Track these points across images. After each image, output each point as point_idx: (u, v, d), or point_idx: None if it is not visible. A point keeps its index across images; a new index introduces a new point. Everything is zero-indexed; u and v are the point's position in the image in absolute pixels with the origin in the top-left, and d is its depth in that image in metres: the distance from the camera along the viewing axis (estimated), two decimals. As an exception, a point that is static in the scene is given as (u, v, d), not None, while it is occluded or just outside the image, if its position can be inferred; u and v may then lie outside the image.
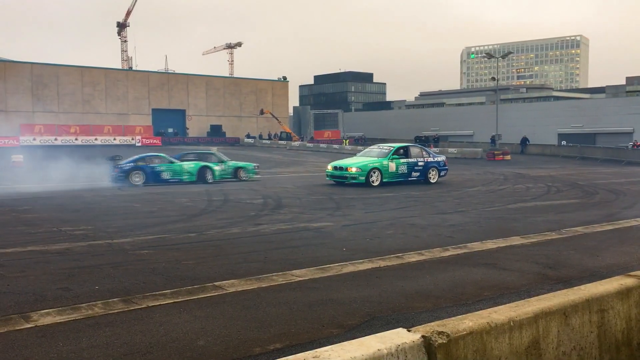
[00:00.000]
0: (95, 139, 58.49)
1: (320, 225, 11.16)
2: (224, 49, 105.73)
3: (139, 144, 58.35)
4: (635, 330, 3.52)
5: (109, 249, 8.64)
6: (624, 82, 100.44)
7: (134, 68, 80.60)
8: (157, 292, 6.16)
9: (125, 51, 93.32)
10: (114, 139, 59.44)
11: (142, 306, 5.69)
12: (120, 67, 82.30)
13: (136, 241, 9.27)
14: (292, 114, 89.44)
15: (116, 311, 5.53)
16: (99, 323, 5.18)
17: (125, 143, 58.47)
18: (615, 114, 60.18)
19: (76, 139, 57.50)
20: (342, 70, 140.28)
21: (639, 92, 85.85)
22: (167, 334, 4.92)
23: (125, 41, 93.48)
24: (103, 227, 10.64)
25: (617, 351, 3.38)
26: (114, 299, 5.90)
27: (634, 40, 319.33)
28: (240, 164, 25.05)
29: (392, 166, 20.26)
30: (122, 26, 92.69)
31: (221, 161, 23.94)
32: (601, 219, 12.24)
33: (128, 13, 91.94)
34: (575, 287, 3.51)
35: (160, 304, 5.76)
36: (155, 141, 60.75)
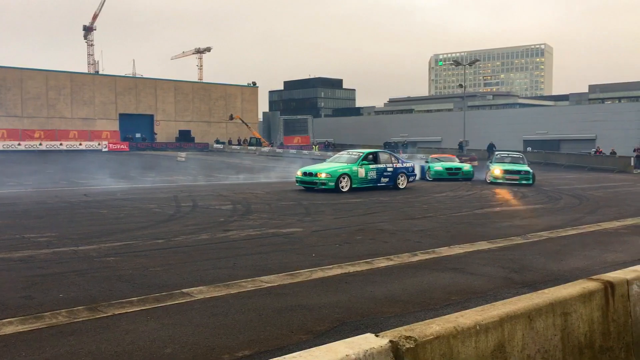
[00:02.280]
0: (61, 144, 57.36)
1: (290, 231, 11.15)
2: (193, 53, 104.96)
3: (106, 149, 57.45)
4: (598, 333, 3.60)
5: (74, 256, 8.47)
6: (586, 90, 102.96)
7: (100, 72, 79.36)
8: (123, 300, 6.07)
9: (92, 55, 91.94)
10: (80, 144, 58.38)
11: (108, 314, 5.60)
12: (87, 71, 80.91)
13: (102, 248, 9.11)
14: (261, 120, 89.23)
15: (81, 320, 5.42)
16: (63, 332, 5.07)
17: (92, 148, 57.48)
18: (578, 121, 61.63)
19: (40, 144, 56.32)
20: (312, 76, 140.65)
21: (601, 100, 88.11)
22: (133, 342, 4.84)
23: (92, 45, 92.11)
24: (68, 234, 10.43)
25: (580, 354, 3.45)
26: (79, 307, 5.78)
27: (596, 49, 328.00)
28: None
29: (362, 172, 20.37)
30: (88, 30, 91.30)
31: None
32: (565, 224, 12.50)
33: (95, 16, 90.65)
34: (539, 291, 3.57)
35: (126, 312, 5.67)
36: (122, 146, 59.91)
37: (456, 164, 27.97)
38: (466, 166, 27.81)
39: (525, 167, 24.85)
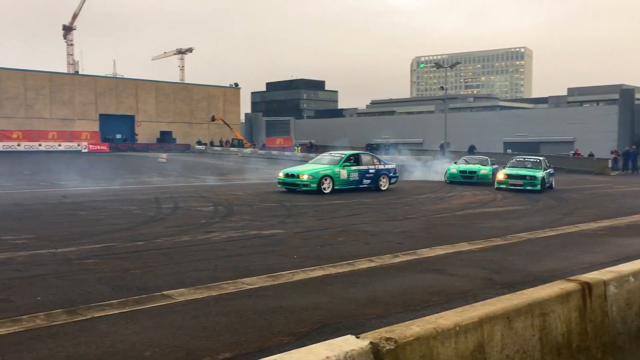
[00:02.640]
0: (39, 145, 56.63)
1: (272, 233, 11.13)
2: (175, 54, 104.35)
3: (86, 150, 56.85)
4: (575, 333, 3.64)
5: (52, 259, 8.37)
6: (565, 93, 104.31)
7: (80, 72, 78.50)
8: (103, 303, 6.01)
9: (72, 55, 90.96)
10: (59, 145, 57.68)
11: (87, 317, 5.54)
12: (66, 72, 79.99)
13: (81, 250, 9.01)
14: (244, 121, 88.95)
15: (59, 322, 5.36)
16: (41, 335, 5.01)
17: (71, 149, 56.83)
18: (557, 124, 62.41)
19: (19, 145, 55.56)
20: (294, 78, 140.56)
21: (579, 103, 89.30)
22: (113, 345, 4.80)
23: (72, 45, 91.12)
24: (46, 236, 10.30)
25: (558, 354, 3.50)
26: (57, 310, 5.71)
27: (574, 52, 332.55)
28: None
29: (344, 173, 20.40)
30: (68, 29, 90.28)
31: None
32: (544, 225, 12.65)
33: (74, 16, 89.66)
34: (518, 292, 3.61)
35: (106, 315, 5.62)
36: (102, 147, 59.32)
37: (473, 166, 26.42)
38: (484, 169, 25.98)
39: (534, 172, 22.83)
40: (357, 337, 2.59)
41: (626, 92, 61.67)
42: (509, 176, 22.91)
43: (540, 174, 22.70)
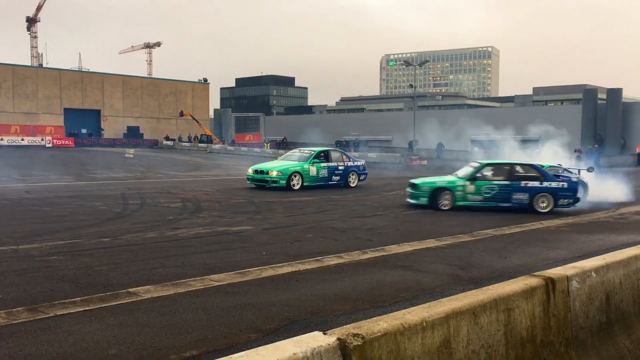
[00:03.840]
0: (1, 139, 55.13)
1: (240, 229, 11.06)
2: (142, 48, 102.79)
3: (50, 145, 55.61)
4: (539, 328, 3.71)
5: (14, 255, 8.16)
6: (531, 92, 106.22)
7: (44, 65, 76.73)
8: (66, 300, 5.89)
9: (36, 47, 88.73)
10: (22, 140, 56.25)
11: (50, 315, 5.42)
12: (30, 64, 78.08)
13: (44, 247, 8.81)
14: (212, 117, 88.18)
15: (21, 321, 5.23)
16: (1, 334, 4.88)
17: (35, 144, 55.52)
18: (523, 123, 63.46)
19: (-20, 139, 54.01)
20: (264, 74, 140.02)
21: (544, 102, 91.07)
22: (76, 343, 4.70)
23: (36, 37, 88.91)
24: (8, 232, 10.04)
25: (523, 348, 3.55)
26: (19, 308, 5.57)
27: (540, 52, 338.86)
28: None
29: (313, 170, 20.40)
30: (32, 21, 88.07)
31: None
32: (510, 222, 12.85)
33: (39, 8, 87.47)
34: (484, 288, 3.66)
35: (69, 313, 5.51)
36: (67, 142, 58.08)
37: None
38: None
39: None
40: (325, 334, 2.58)
41: (589, 92, 63.13)
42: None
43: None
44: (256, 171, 20.35)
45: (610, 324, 4.42)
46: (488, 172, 15.14)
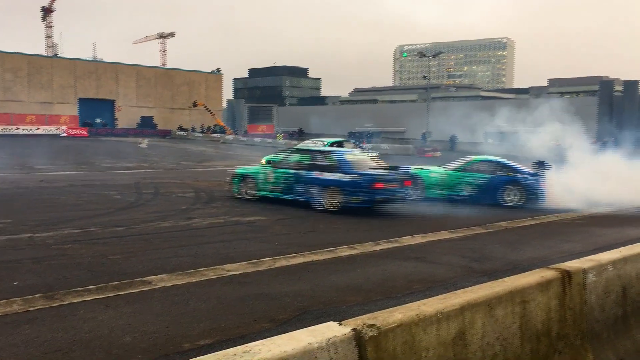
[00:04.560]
0: (17, 129, 55.65)
1: (254, 219, 11.09)
2: (156, 38, 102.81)
3: (64, 135, 56.04)
4: (554, 321, 3.68)
5: (30, 243, 8.25)
6: (546, 84, 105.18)
7: (59, 55, 77.15)
8: (81, 288, 5.94)
9: (51, 37, 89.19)
10: (37, 129, 56.74)
11: (65, 302, 5.47)
12: (45, 54, 78.56)
13: (60, 235, 8.89)
14: (226, 107, 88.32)
15: (37, 308, 5.29)
16: (18, 320, 4.94)
17: (50, 133, 55.98)
18: (538, 114, 62.83)
19: (-4, 128, 54.56)
20: (277, 64, 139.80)
21: (560, 94, 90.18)
22: (91, 331, 4.74)
23: (51, 27, 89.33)
24: (24, 221, 10.14)
25: (538, 341, 3.53)
26: (35, 295, 5.63)
27: (556, 43, 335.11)
28: None
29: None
30: (47, 11, 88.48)
31: None
32: (524, 215, 12.76)
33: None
34: (499, 280, 3.63)
35: (84, 300, 5.55)
36: (81, 132, 58.48)
37: None
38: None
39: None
40: (340, 324, 2.57)
41: (606, 84, 62.40)
42: (268, 162, 19.20)
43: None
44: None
45: (626, 317, 4.38)
46: (293, 159, 13.47)
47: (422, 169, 15.72)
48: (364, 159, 13.55)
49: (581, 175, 15.24)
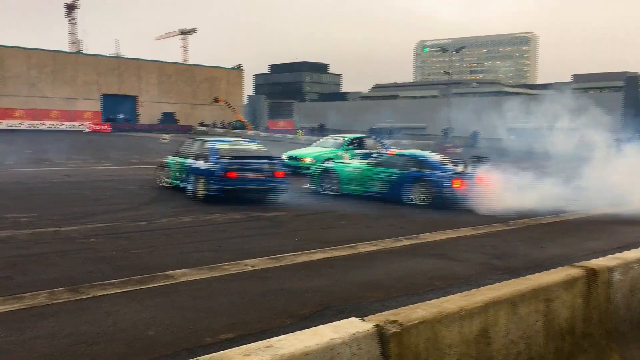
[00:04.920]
0: (42, 124, 56.56)
1: (274, 215, 11.12)
2: (178, 34, 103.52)
3: (88, 130, 56.77)
4: (579, 319, 3.63)
5: (55, 237, 8.37)
6: (570, 80, 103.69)
7: (83, 51, 78.14)
8: (105, 282, 6.02)
9: (74, 34, 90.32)
10: (61, 124, 57.61)
11: (89, 296, 5.55)
12: (69, 50, 79.60)
13: (84, 229, 9.02)
14: (246, 103, 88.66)
15: (62, 301, 5.37)
16: (43, 313, 5.02)
17: (73, 129, 56.76)
18: (562, 110, 62.01)
19: (21, 124, 55.49)
20: (298, 60, 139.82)
21: (584, 90, 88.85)
22: (115, 324, 4.81)
23: (74, 23, 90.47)
24: (49, 215, 10.30)
25: (562, 339, 3.49)
26: (60, 289, 5.72)
27: (580, 38, 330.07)
28: None
29: (346, 157, 20.31)
30: (70, 8, 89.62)
31: None
32: (546, 212, 12.60)
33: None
34: (523, 277, 3.59)
35: (108, 294, 5.63)
36: (104, 127, 59.20)
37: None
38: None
39: None
40: (362, 320, 2.57)
41: (631, 79, 61.38)
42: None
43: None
44: (290, 157, 20.39)
45: (653, 317, 4.31)
46: (191, 149, 13.96)
47: (343, 162, 15.17)
48: (240, 148, 13.53)
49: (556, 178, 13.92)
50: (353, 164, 14.80)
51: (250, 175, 12.29)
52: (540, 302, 3.34)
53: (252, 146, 13.97)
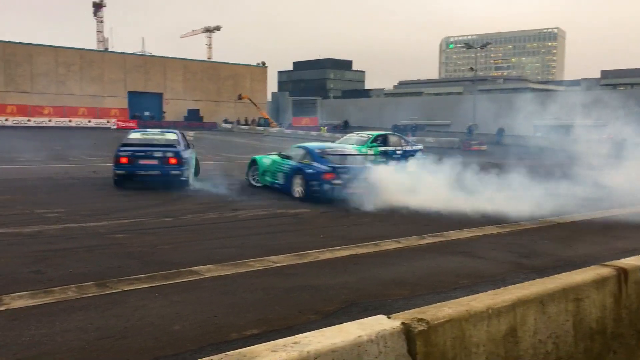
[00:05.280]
0: (70, 121, 57.50)
1: (298, 212, 11.14)
2: (202, 32, 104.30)
3: (115, 127, 57.54)
4: (609, 320, 3.57)
5: (83, 232, 8.51)
6: (599, 76, 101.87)
7: (110, 49, 79.18)
8: (132, 277, 6.09)
9: (101, 32, 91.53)
10: (89, 122, 58.52)
11: (117, 290, 5.62)
12: (96, 48, 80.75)
13: (111, 225, 9.15)
14: (270, 100, 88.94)
15: (90, 295, 5.45)
16: (73, 307, 5.10)
17: (101, 126, 57.60)
18: (590, 107, 60.92)
19: (50, 121, 56.47)
20: (322, 57, 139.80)
21: (613, 86, 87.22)
22: (142, 318, 4.86)
23: (101, 22, 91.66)
24: (77, 210, 10.47)
25: (592, 339, 3.43)
26: (88, 283, 5.81)
27: (609, 34, 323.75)
28: None
29: (371, 154, 20.27)
30: (98, 6, 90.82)
31: None
32: (574, 210, 12.40)
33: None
34: (552, 276, 3.54)
35: (135, 289, 5.70)
36: (131, 124, 59.90)
37: None
38: None
39: None
40: (389, 317, 2.56)
41: (662, 76, 59.98)
42: None
43: None
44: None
45: (685, 318, 4.21)
46: None
47: (268, 154, 15.20)
48: (147, 137, 14.98)
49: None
50: (270, 155, 14.96)
51: (143, 161, 13.57)
52: (569, 301, 3.29)
53: (162, 136, 15.11)
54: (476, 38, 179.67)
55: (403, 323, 2.50)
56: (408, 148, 21.64)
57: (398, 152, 21.09)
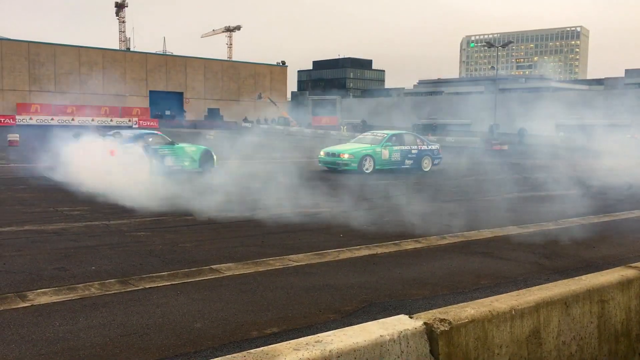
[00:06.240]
0: (92, 120, 58.10)
1: (317, 211, 11.14)
2: (223, 32, 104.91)
3: (136, 126, 58.10)
4: (635, 322, 3.51)
5: (105, 230, 8.61)
6: (623, 75, 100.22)
7: (132, 49, 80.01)
8: (154, 274, 6.15)
9: (123, 32, 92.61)
10: (111, 120, 59.18)
11: (139, 288, 5.68)
12: (118, 48, 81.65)
13: (133, 223, 9.24)
14: (290, 99, 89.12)
15: (113, 292, 5.52)
16: (96, 304, 5.17)
17: (123, 125, 58.19)
18: (613, 106, 60.01)
19: (73, 119, 57.17)
20: (341, 56, 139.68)
21: (638, 85, 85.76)
22: (164, 315, 4.91)
23: (124, 22, 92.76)
24: (99, 208, 10.60)
25: (616, 342, 3.38)
26: (111, 280, 5.88)
27: (633, 33, 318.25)
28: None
29: (385, 153, 20.14)
30: (120, 7, 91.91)
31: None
32: (597, 211, 12.24)
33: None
34: (576, 278, 3.50)
35: (157, 286, 5.75)
36: (152, 123, 60.46)
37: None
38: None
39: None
40: (411, 317, 2.55)
41: (689, 74, 58.86)
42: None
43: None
44: (328, 154, 20.30)
45: None
46: None
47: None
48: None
49: None
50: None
51: None
52: (594, 303, 3.25)
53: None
54: (497, 37, 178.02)
55: (425, 323, 2.49)
56: (424, 147, 21.47)
57: (413, 151, 20.95)
